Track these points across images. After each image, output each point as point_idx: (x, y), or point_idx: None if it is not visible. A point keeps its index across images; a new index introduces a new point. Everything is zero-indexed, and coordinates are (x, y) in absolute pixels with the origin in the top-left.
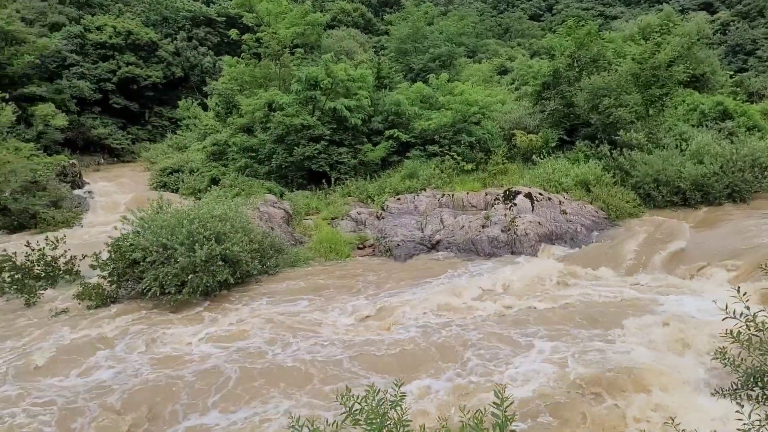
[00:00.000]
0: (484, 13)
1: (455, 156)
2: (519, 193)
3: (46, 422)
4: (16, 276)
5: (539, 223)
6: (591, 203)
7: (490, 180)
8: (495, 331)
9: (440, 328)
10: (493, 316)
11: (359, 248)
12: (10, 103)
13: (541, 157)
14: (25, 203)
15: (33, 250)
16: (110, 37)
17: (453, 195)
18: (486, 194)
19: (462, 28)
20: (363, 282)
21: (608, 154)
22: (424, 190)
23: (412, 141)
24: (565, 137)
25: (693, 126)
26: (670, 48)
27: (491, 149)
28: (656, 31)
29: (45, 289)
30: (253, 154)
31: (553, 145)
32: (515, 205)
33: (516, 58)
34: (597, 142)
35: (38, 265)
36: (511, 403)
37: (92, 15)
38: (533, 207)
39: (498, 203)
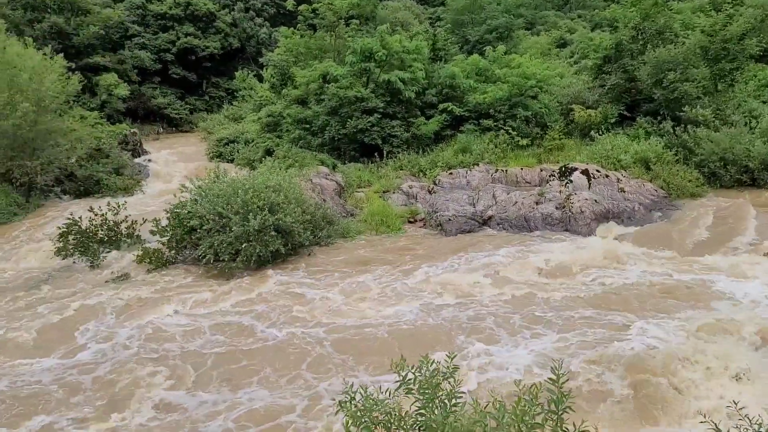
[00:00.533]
0: None
1: (510, 131)
2: (575, 169)
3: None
4: (81, 239)
5: (595, 200)
6: (651, 182)
7: (546, 156)
8: (522, 313)
9: (461, 308)
10: (524, 296)
11: (410, 222)
12: (76, 72)
13: (600, 133)
14: (89, 170)
15: (96, 215)
16: (170, 8)
17: (506, 170)
18: (541, 170)
19: (521, 0)
20: (410, 256)
21: (671, 131)
22: (477, 165)
23: (466, 115)
24: (625, 113)
25: (764, 102)
26: (743, 20)
27: (548, 124)
28: (728, 2)
29: (108, 252)
30: (307, 126)
31: (613, 120)
32: (571, 182)
33: (576, 31)
34: (659, 118)
35: (101, 230)
36: (567, 380)
37: None
38: (590, 184)
39: (553, 180)
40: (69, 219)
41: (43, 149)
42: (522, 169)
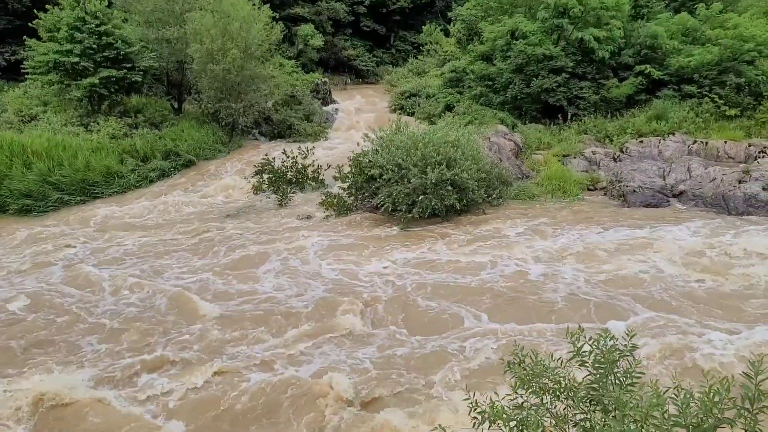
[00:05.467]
0: None
1: (716, 99)
2: None
3: None
4: (273, 178)
5: None
6: None
7: (757, 129)
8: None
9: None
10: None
11: (589, 189)
12: (278, 22)
13: None
14: (284, 114)
15: (288, 157)
16: None
17: (706, 143)
18: (749, 145)
19: None
20: (597, 224)
21: None
22: (673, 134)
23: (665, 79)
24: None
25: None
26: None
27: (764, 93)
28: None
29: (294, 192)
30: (490, 83)
31: None
32: None
33: None
34: None
35: (291, 171)
36: (766, 378)
37: None
38: None
39: (763, 156)
40: (264, 159)
41: (246, 93)
42: (725, 142)
